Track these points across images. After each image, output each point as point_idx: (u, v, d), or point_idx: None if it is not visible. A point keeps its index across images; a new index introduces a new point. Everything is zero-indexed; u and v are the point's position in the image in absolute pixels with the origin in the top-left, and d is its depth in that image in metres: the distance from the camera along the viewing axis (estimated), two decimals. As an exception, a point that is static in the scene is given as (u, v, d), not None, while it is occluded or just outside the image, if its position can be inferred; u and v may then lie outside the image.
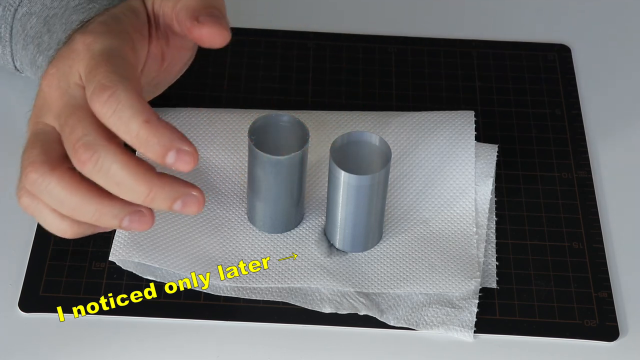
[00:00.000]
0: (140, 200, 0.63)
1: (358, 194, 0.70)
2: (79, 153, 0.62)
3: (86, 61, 0.65)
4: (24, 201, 0.66)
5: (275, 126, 0.72)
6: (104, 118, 0.63)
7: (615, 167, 0.81)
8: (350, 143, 0.71)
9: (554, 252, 0.75)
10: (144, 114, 0.62)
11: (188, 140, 0.62)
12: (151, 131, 0.62)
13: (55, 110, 0.66)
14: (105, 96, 0.62)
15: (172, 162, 0.62)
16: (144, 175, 0.63)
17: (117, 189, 0.63)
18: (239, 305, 0.72)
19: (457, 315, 0.71)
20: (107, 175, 0.62)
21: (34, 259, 0.73)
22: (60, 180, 0.64)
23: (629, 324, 0.72)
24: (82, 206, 0.64)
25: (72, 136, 0.63)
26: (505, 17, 0.93)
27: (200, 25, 0.68)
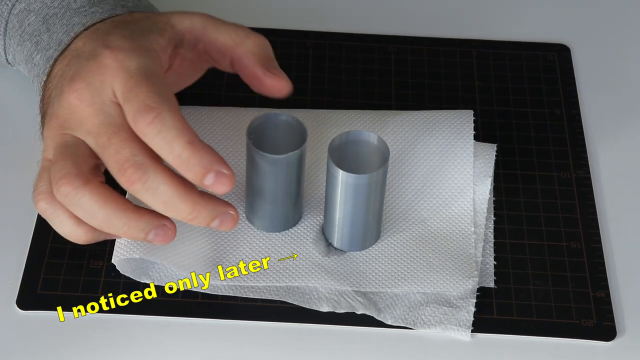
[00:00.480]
0: (182, 218, 0.66)
1: (356, 193, 0.70)
2: (129, 173, 0.65)
3: (123, 79, 0.66)
4: (42, 205, 0.68)
5: (273, 125, 0.72)
6: (147, 138, 0.65)
7: (614, 167, 0.81)
8: (348, 142, 0.71)
9: (552, 251, 0.75)
10: (187, 135, 0.65)
11: (226, 163, 0.65)
12: (193, 152, 0.64)
13: (88, 126, 0.67)
14: (151, 117, 0.64)
15: (210, 184, 0.65)
16: (190, 195, 0.65)
17: (162, 207, 0.66)
18: (237, 304, 0.72)
19: (455, 314, 0.72)
20: (155, 194, 0.65)
21: (32, 257, 0.74)
22: (92, 194, 0.66)
23: (627, 324, 0.72)
24: (113, 220, 0.66)
25: (119, 156, 0.65)
26: (505, 17, 0.93)
27: (273, 76, 0.73)
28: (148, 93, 0.65)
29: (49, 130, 0.69)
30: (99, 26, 0.72)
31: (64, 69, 0.71)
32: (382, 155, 0.71)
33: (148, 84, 0.66)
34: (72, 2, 0.75)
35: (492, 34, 0.91)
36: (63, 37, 0.73)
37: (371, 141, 0.71)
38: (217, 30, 0.74)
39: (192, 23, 0.73)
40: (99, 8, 0.74)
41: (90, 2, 0.74)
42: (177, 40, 0.72)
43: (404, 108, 0.84)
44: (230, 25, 0.74)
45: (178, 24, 0.72)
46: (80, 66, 0.69)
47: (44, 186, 0.68)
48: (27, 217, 0.76)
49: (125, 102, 0.66)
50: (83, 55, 0.70)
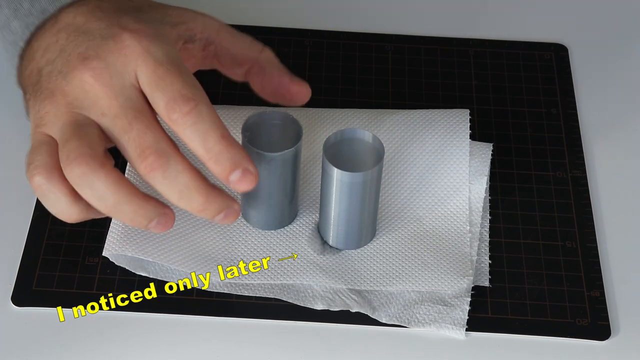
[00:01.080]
0: (192, 209, 0.66)
1: (351, 191, 0.71)
2: (150, 159, 0.65)
3: (151, 65, 0.66)
4: (38, 180, 0.66)
5: (268, 123, 0.72)
6: (179, 128, 0.65)
7: (610, 167, 0.81)
8: (343, 140, 0.71)
9: (547, 251, 0.75)
10: (221, 129, 0.65)
11: (252, 161, 0.66)
12: (226, 147, 0.65)
13: (104, 108, 0.66)
14: (188, 107, 0.65)
15: (235, 180, 0.65)
16: (204, 187, 0.65)
17: (176, 196, 0.66)
18: (231, 301, 0.72)
19: (449, 313, 0.72)
20: (172, 183, 0.65)
21: (27, 253, 0.74)
22: (107, 177, 0.65)
23: (621, 323, 0.72)
24: (122, 205, 0.65)
25: (140, 141, 0.65)
26: (502, 16, 0.93)
27: (299, 82, 0.75)
28: (183, 83, 0.65)
29: (51, 105, 0.67)
30: (98, 4, 0.71)
31: (65, 44, 0.69)
32: (377, 153, 0.71)
33: (181, 73, 0.66)
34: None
35: (489, 33, 0.91)
36: (47, 6, 0.72)
37: (366, 139, 0.71)
38: (233, 37, 0.74)
39: (204, 24, 0.73)
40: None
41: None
42: (187, 37, 0.71)
43: (401, 106, 0.84)
44: (244, 35, 0.75)
45: (191, 21, 0.72)
46: (94, 44, 0.68)
47: (41, 160, 0.66)
48: (23, 213, 0.76)
49: (156, 90, 0.66)
50: (93, 32, 0.68)
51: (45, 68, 0.69)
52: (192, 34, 0.72)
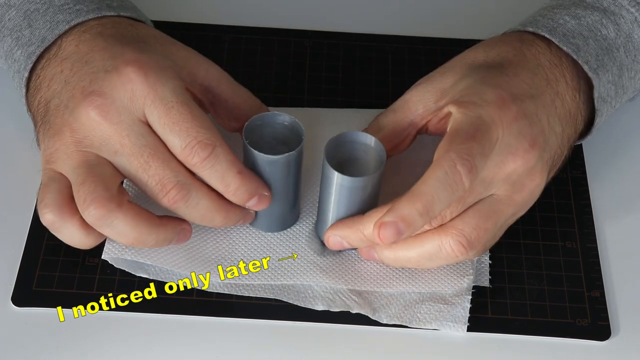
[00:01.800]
0: (214, 226, 0.71)
1: (350, 195, 0.70)
2: (172, 193, 0.67)
3: (161, 108, 0.67)
4: (49, 218, 0.68)
5: (270, 125, 0.72)
6: (198, 170, 0.68)
7: (611, 167, 0.81)
8: (345, 143, 0.71)
9: (547, 251, 0.75)
10: (237, 166, 0.68)
11: (266, 184, 0.70)
12: (242, 181, 0.69)
13: (117, 146, 0.67)
14: (206, 153, 0.67)
15: (251, 205, 0.69)
16: (224, 206, 0.69)
17: (199, 219, 0.69)
18: (231, 301, 0.72)
19: (450, 311, 0.72)
20: (195, 209, 0.68)
21: (27, 253, 0.74)
22: (126, 216, 0.67)
23: (621, 324, 0.72)
24: (144, 237, 0.68)
25: (160, 177, 0.67)
26: (502, 17, 0.92)
27: None
28: (198, 127, 0.67)
29: (60, 143, 0.68)
30: (101, 30, 0.72)
31: (69, 75, 0.70)
32: (379, 157, 0.70)
33: (194, 116, 0.67)
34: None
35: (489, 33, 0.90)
36: (46, 34, 0.72)
37: (368, 143, 0.71)
38: (233, 90, 0.74)
39: (207, 72, 0.73)
40: (83, 6, 0.73)
41: (74, 0, 0.74)
42: (188, 81, 0.71)
43: (401, 107, 0.84)
44: (243, 89, 0.75)
45: (194, 67, 0.72)
46: (97, 78, 0.68)
47: (51, 197, 0.68)
48: (23, 214, 0.76)
49: (171, 134, 0.67)
50: (96, 63, 0.69)
51: (53, 100, 0.70)
52: (193, 78, 0.72)
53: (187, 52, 0.73)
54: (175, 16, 0.90)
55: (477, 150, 0.66)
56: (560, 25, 0.74)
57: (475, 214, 0.68)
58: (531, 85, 0.71)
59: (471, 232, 0.68)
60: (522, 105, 0.69)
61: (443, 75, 0.73)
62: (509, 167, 0.68)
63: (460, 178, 0.65)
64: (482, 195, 0.68)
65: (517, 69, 0.71)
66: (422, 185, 0.65)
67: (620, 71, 0.75)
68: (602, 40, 0.74)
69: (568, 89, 0.72)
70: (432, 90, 0.72)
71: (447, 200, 0.65)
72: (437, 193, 0.64)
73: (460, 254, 0.68)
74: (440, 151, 0.66)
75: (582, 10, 0.75)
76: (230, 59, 0.87)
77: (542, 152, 0.69)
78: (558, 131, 0.71)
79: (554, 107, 0.71)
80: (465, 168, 0.65)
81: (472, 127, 0.67)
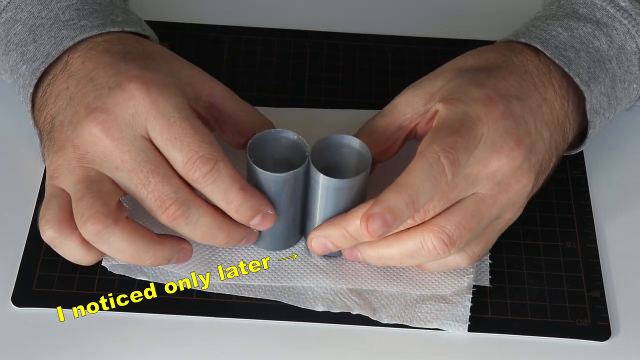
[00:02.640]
0: (216, 244, 0.70)
1: (337, 197, 0.70)
2: (171, 210, 0.67)
3: (163, 123, 0.67)
4: (50, 234, 0.68)
5: (274, 142, 0.71)
6: (199, 185, 0.67)
7: (611, 167, 0.81)
8: (330, 146, 0.71)
9: (547, 251, 0.75)
10: (240, 182, 0.68)
11: (270, 203, 0.69)
12: (245, 198, 0.68)
13: (117, 162, 0.67)
14: (207, 168, 0.67)
15: (255, 224, 0.69)
16: (226, 224, 0.69)
17: (200, 237, 0.68)
18: (231, 302, 0.72)
19: (451, 310, 0.72)
20: (195, 226, 0.68)
21: (27, 253, 0.74)
22: (123, 232, 0.67)
23: (621, 324, 0.72)
24: (141, 254, 0.68)
25: (159, 194, 0.67)
26: (502, 18, 0.92)
27: None
28: (200, 142, 0.67)
29: (63, 159, 0.69)
30: (107, 47, 0.72)
31: (74, 92, 0.70)
32: (364, 159, 0.70)
33: (196, 131, 0.67)
34: (61, 14, 0.74)
35: (489, 34, 0.90)
36: (51, 49, 0.72)
37: (353, 145, 0.71)
38: (238, 106, 0.74)
39: (212, 89, 0.73)
40: (88, 22, 0.73)
41: (79, 15, 0.74)
42: (192, 98, 0.71)
43: (401, 107, 0.84)
44: (248, 105, 0.75)
45: (199, 84, 0.72)
46: (100, 94, 0.68)
47: (52, 214, 0.68)
48: (23, 215, 0.76)
49: (173, 149, 0.67)
50: (100, 80, 0.69)
51: (58, 117, 0.70)
52: (198, 95, 0.72)
53: (192, 70, 0.73)
54: (175, 16, 0.90)
55: (460, 144, 0.66)
56: (552, 37, 0.74)
57: (458, 212, 0.68)
58: (519, 89, 0.71)
59: (453, 230, 0.68)
60: (509, 105, 0.69)
61: (432, 80, 0.73)
62: (494, 165, 0.68)
63: (443, 169, 0.65)
64: (466, 192, 0.68)
65: (505, 73, 0.72)
66: (406, 177, 0.65)
67: (613, 82, 0.75)
68: (594, 52, 0.74)
69: (556, 96, 0.72)
70: (420, 94, 0.73)
71: (431, 192, 0.66)
72: (421, 184, 0.65)
73: (442, 251, 0.68)
74: (424, 144, 0.67)
75: (575, 22, 0.75)
76: (230, 59, 0.87)
77: (528, 152, 0.69)
78: (545, 136, 0.71)
79: (541, 112, 0.71)
80: (448, 160, 0.65)
81: (457, 122, 0.67)
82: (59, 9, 0.74)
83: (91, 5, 0.75)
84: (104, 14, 0.74)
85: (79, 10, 0.74)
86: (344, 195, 0.69)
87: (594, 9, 0.76)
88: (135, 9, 0.82)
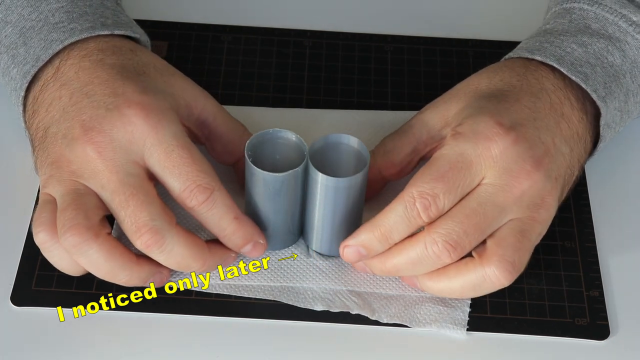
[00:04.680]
0: (192, 272, 0.71)
1: (336, 196, 0.70)
2: (145, 237, 0.67)
3: (162, 152, 0.68)
4: (41, 237, 0.69)
5: (273, 142, 0.72)
6: (195, 213, 0.68)
7: (610, 166, 0.81)
8: (328, 145, 0.71)
9: (546, 250, 0.75)
10: (234, 211, 0.69)
11: (262, 232, 0.71)
12: (238, 227, 0.70)
13: (104, 181, 0.68)
14: (204, 197, 0.68)
15: (246, 252, 0.70)
16: (201, 253, 0.69)
17: (175, 265, 0.69)
18: (231, 301, 0.72)
19: (450, 313, 0.72)
20: (169, 255, 0.68)
21: (27, 253, 0.74)
22: (101, 247, 0.67)
23: (620, 323, 0.72)
24: (116, 272, 0.68)
25: (136, 218, 0.67)
26: (502, 17, 0.93)
27: None
28: (198, 171, 0.68)
29: (55, 171, 0.69)
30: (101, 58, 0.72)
31: (68, 105, 0.70)
32: (362, 159, 0.70)
33: (194, 160, 0.68)
34: (51, 17, 0.74)
35: (488, 33, 0.91)
36: (41, 53, 0.72)
37: (351, 144, 0.71)
38: (227, 125, 0.75)
39: (205, 106, 0.74)
40: (77, 25, 0.73)
41: (69, 18, 0.74)
42: (184, 115, 0.72)
43: (400, 107, 0.84)
44: (239, 123, 0.75)
45: (192, 101, 0.73)
46: (97, 115, 0.69)
47: (45, 217, 0.68)
48: (22, 214, 0.76)
49: (170, 177, 0.68)
50: (96, 98, 0.69)
51: (51, 128, 0.70)
52: (190, 112, 0.73)
53: (185, 83, 0.74)
54: (175, 16, 0.90)
55: (440, 190, 0.68)
56: (567, 54, 0.75)
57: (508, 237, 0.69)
58: (533, 109, 0.71)
59: (513, 255, 0.69)
60: (522, 129, 0.70)
61: (447, 102, 0.74)
62: (517, 190, 0.69)
63: (417, 214, 0.68)
64: (499, 221, 0.69)
65: (519, 94, 0.72)
66: (382, 216, 0.69)
67: (627, 97, 0.76)
68: (608, 67, 0.75)
69: (574, 110, 0.73)
70: (436, 117, 0.73)
71: (405, 231, 0.69)
72: (395, 225, 0.69)
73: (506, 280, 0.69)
74: (408, 184, 0.69)
75: (588, 38, 0.76)
76: (229, 59, 0.87)
77: (549, 171, 0.70)
78: (566, 151, 0.71)
79: (560, 129, 0.72)
80: (422, 206, 0.68)
81: (447, 164, 0.69)
82: (49, 11, 0.74)
83: (81, 7, 0.75)
84: (94, 17, 0.74)
85: (69, 12, 0.74)
86: (342, 194, 0.70)
87: (606, 24, 0.76)
88: (135, 9, 0.83)
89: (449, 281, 0.70)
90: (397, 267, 0.70)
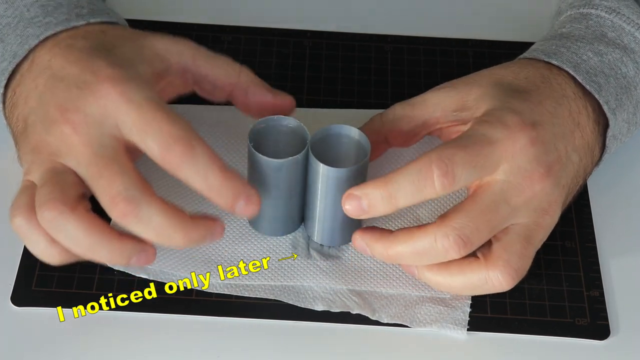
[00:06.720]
0: (174, 245, 0.66)
1: (337, 187, 0.70)
2: (120, 207, 0.65)
3: (135, 114, 0.66)
4: (17, 221, 0.67)
5: (275, 129, 0.72)
6: (177, 168, 0.65)
7: (610, 166, 0.81)
8: (329, 136, 0.71)
9: (546, 250, 0.75)
10: (218, 163, 0.66)
11: (252, 187, 0.67)
12: (225, 180, 0.66)
13: (78, 156, 0.67)
14: (182, 148, 0.65)
15: (240, 209, 0.66)
16: (182, 223, 0.66)
17: (154, 237, 0.66)
18: (231, 301, 0.72)
19: (450, 313, 0.72)
20: (147, 226, 0.65)
21: (27, 253, 0.73)
22: (78, 220, 0.65)
23: (620, 323, 0.72)
24: (97, 247, 0.66)
25: (110, 189, 0.65)
26: (502, 17, 0.93)
27: (282, 97, 0.75)
28: (172, 124, 0.66)
29: (36, 157, 0.69)
30: (71, 43, 0.71)
31: (44, 92, 0.69)
32: (363, 149, 0.71)
33: (168, 115, 0.66)
34: (26, 12, 0.74)
35: (488, 33, 0.91)
36: (17, 49, 0.72)
37: (352, 135, 0.71)
38: (210, 62, 0.74)
39: (180, 53, 0.73)
40: (53, 18, 0.73)
41: (44, 12, 0.73)
42: (163, 70, 0.72)
43: (400, 107, 0.84)
44: (220, 58, 0.74)
45: (166, 54, 0.72)
46: (70, 94, 0.68)
47: (22, 201, 0.67)
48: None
49: (147, 136, 0.66)
50: (69, 80, 0.69)
51: (30, 117, 0.70)
52: (167, 65, 0.72)
53: (155, 40, 0.72)
54: (174, 16, 0.90)
55: (460, 158, 0.66)
56: (583, 62, 0.75)
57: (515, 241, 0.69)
58: (554, 114, 0.71)
59: (517, 261, 0.69)
60: (541, 132, 0.70)
61: (467, 85, 0.73)
62: (528, 192, 0.69)
63: (431, 177, 0.66)
64: (508, 221, 0.69)
65: (542, 96, 0.72)
66: (392, 174, 0.67)
67: (635, 109, 0.76)
68: (621, 78, 0.75)
69: (589, 121, 0.73)
70: (454, 97, 0.73)
71: (412, 196, 0.67)
72: (403, 184, 0.66)
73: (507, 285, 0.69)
74: (430, 150, 0.67)
75: (605, 47, 0.76)
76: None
77: (558, 179, 0.70)
78: (575, 161, 0.72)
79: (573, 137, 0.72)
80: (440, 170, 0.66)
81: (469, 139, 0.68)
82: (24, 6, 0.74)
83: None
84: (69, 8, 0.74)
85: (43, 6, 0.74)
86: (343, 184, 0.70)
87: (622, 34, 0.76)
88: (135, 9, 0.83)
89: (450, 277, 0.70)
90: (400, 255, 0.69)
